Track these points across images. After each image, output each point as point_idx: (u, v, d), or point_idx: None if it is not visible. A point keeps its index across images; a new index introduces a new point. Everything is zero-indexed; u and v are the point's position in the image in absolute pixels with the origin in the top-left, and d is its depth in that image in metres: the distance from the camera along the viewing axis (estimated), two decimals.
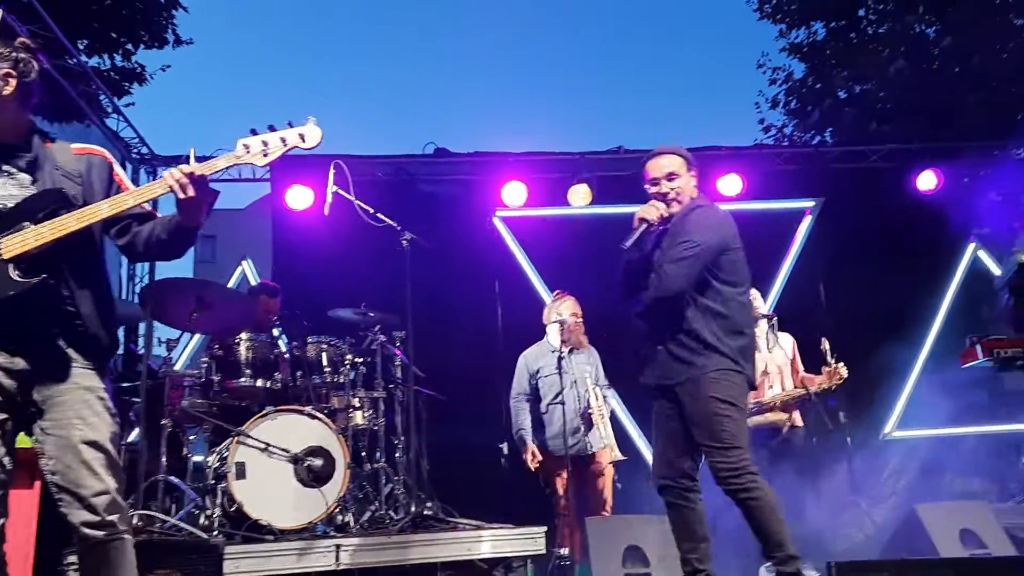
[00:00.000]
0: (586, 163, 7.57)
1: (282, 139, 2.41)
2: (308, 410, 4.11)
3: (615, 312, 6.46)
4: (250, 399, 4.43)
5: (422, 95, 66.00)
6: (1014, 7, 11.14)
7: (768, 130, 14.37)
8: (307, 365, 4.59)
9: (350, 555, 3.66)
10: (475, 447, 6.06)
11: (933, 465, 6.91)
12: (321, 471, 3.97)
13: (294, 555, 3.57)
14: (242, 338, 4.48)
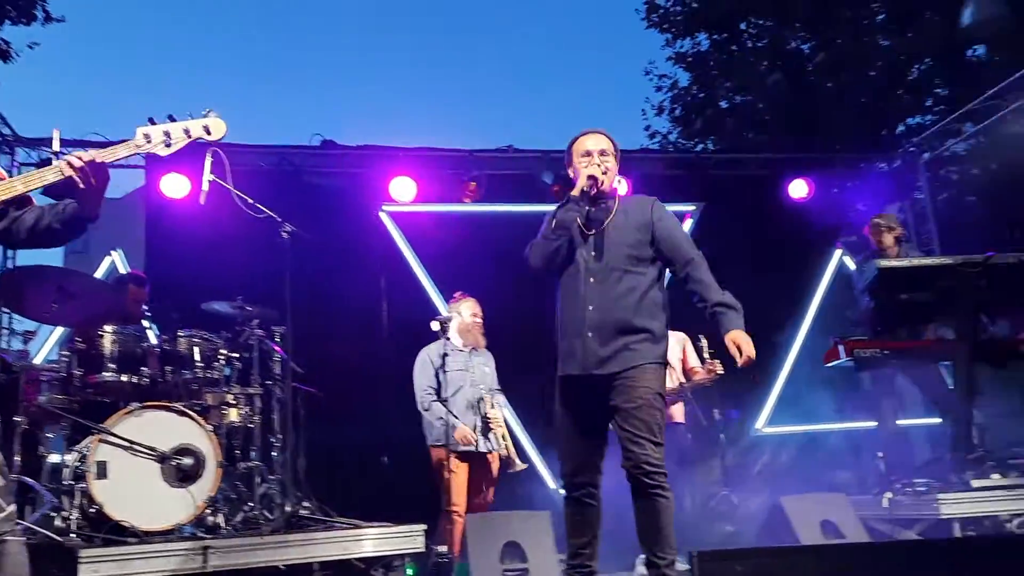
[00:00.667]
0: (476, 161, 7.57)
1: (185, 130, 2.32)
2: (177, 407, 3.93)
3: (505, 311, 6.55)
4: (115, 395, 4.20)
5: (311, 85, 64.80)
6: (881, 29, 11.84)
7: (654, 136, 14.81)
8: (177, 359, 4.39)
9: (219, 557, 3.52)
10: (356, 445, 5.96)
11: (800, 459, 7.25)
12: (190, 470, 3.80)
13: (158, 558, 3.40)
14: (107, 330, 4.24)
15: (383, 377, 5.80)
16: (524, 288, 6.94)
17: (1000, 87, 7.55)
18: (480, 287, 6.17)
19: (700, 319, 5.80)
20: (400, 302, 6.68)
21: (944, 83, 11.76)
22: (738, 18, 13.15)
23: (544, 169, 7.55)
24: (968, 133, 8.40)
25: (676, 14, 13.67)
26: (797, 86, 11.99)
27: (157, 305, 5.19)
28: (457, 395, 5.03)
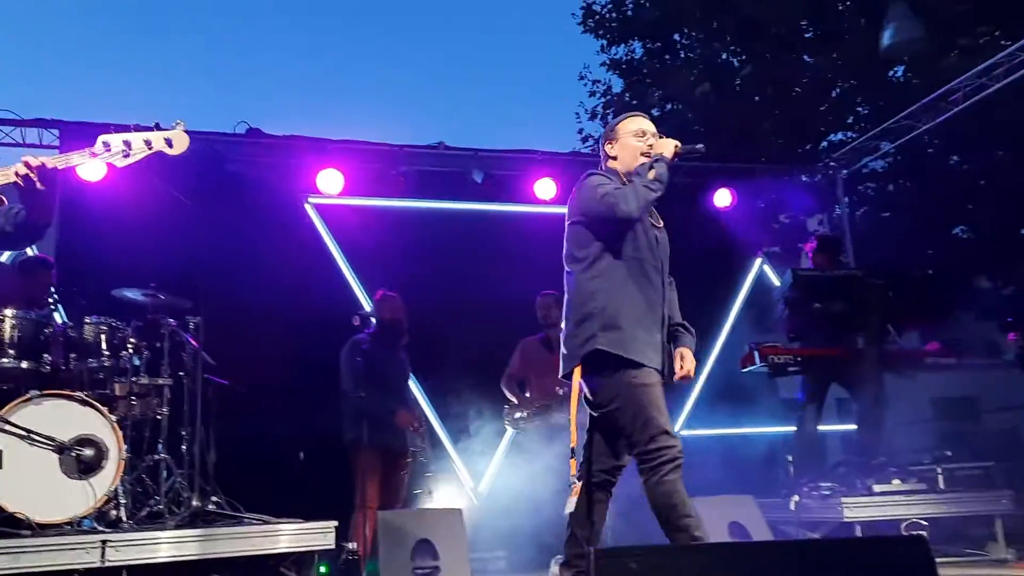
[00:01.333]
0: (406, 156, 7.51)
1: (147, 142, 2.25)
2: (80, 396, 3.80)
3: (429, 307, 6.51)
4: (13, 382, 4.02)
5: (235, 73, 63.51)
6: (806, 47, 12.19)
7: (586, 140, 14.95)
8: (83, 347, 4.23)
9: (118, 551, 3.42)
10: (271, 440, 5.83)
11: (713, 462, 7.39)
12: (91, 462, 3.68)
13: (52, 551, 3.28)
14: (6, 315, 4.06)
15: (301, 371, 5.70)
16: (450, 284, 7.00)
17: (913, 108, 7.85)
18: (405, 283, 6.14)
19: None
20: (322, 296, 6.57)
21: (865, 101, 12.18)
22: (671, 28, 13.38)
23: (474, 168, 7.54)
24: (884, 151, 8.70)
25: (611, 21, 13.83)
26: (725, 98, 12.26)
27: (66, 290, 5.00)
28: (376, 389, 4.99)
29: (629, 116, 3.33)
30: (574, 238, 3.18)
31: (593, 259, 3.10)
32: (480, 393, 6.29)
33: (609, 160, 3.29)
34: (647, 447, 2.91)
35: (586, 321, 3.03)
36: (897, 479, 5.30)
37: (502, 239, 7.45)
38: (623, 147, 3.25)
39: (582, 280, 3.11)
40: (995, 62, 7.10)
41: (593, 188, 3.11)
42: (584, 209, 3.13)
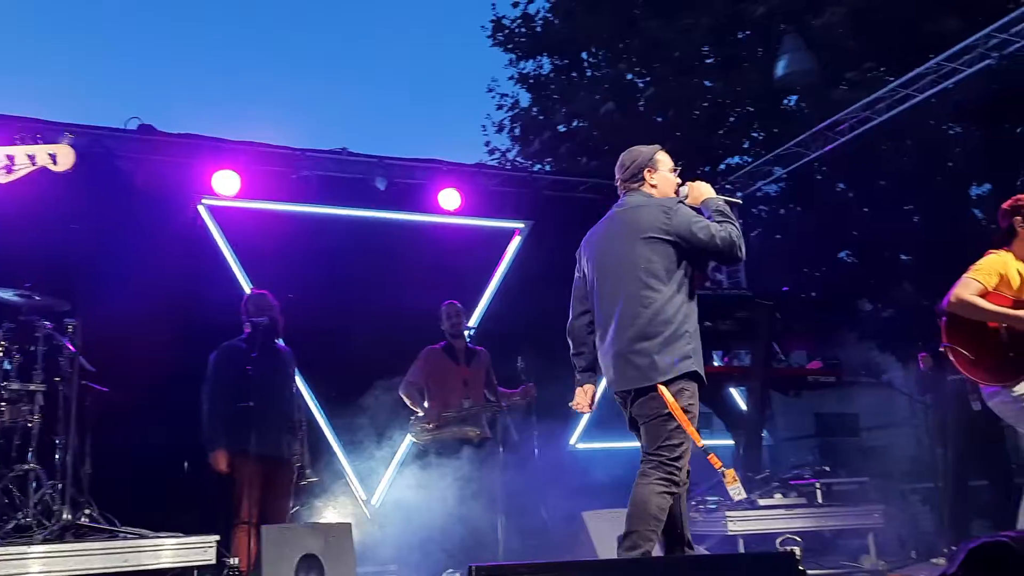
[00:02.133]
0: (307, 160, 7.37)
1: (30, 157, 2.11)
2: None
3: (324, 315, 6.39)
4: None
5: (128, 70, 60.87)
6: (707, 72, 12.59)
7: (493, 152, 15.02)
8: None
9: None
10: (153, 450, 5.59)
11: (607, 476, 7.50)
12: None
13: None
14: None
15: (187, 379, 5.48)
16: (348, 292, 6.89)
17: (803, 137, 8.21)
18: (302, 289, 6.01)
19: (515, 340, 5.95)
20: (213, 301, 6.34)
21: (760, 127, 12.66)
22: (579, 47, 13.60)
23: (378, 175, 7.47)
24: (777, 176, 9.06)
25: (520, 36, 13.97)
26: (629, 117, 12.53)
27: None
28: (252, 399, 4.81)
29: (661, 150, 3.72)
30: (662, 255, 3.34)
31: (680, 281, 3.34)
32: (376, 403, 6.20)
33: (647, 185, 3.58)
34: (672, 456, 3.19)
35: (678, 341, 3.25)
36: (779, 493, 5.50)
37: (403, 248, 7.39)
38: (663, 179, 3.60)
39: (672, 299, 3.31)
40: (878, 97, 7.50)
41: (697, 219, 3.35)
42: (687, 235, 3.31)
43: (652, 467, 3.19)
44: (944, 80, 7.07)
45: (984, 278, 3.71)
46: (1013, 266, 3.76)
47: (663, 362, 3.21)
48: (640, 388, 3.27)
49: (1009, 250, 3.83)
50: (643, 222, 3.38)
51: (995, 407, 3.74)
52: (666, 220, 3.34)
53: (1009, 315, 3.64)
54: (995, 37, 6.60)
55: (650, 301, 3.28)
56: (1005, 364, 3.64)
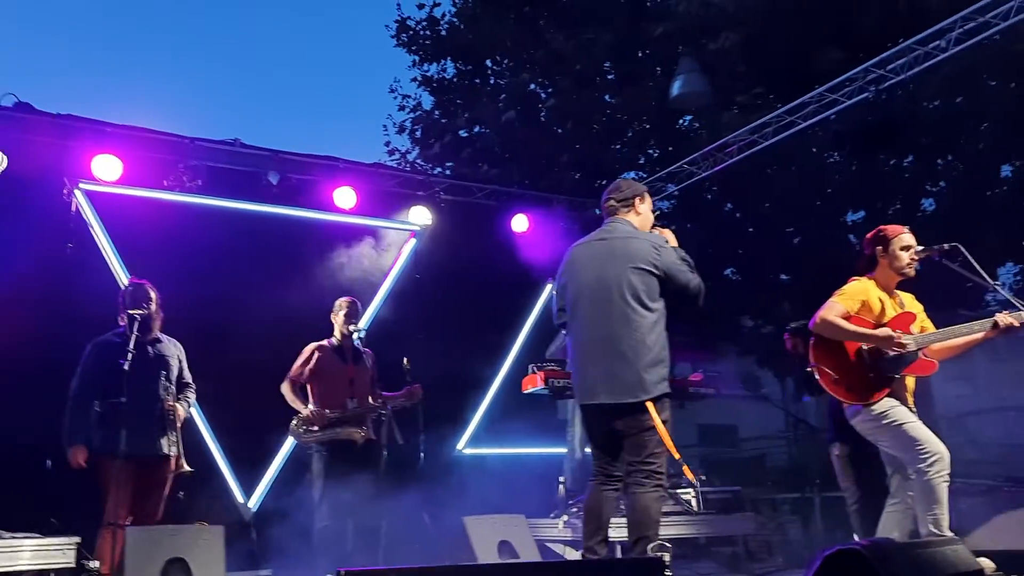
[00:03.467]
0: (196, 150, 7.11)
1: None
2: None
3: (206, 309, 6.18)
4: None
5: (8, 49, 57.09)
6: (607, 87, 12.86)
7: (393, 153, 14.84)
8: None
9: None
10: (15, 447, 5.27)
11: (492, 481, 7.53)
12: None
13: None
14: None
15: (55, 372, 5.18)
16: (233, 287, 6.68)
17: (694, 156, 8.49)
18: (184, 282, 5.80)
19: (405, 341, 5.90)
20: (88, 291, 6.03)
21: (656, 144, 13.00)
22: (483, 54, 13.64)
23: (271, 169, 7.29)
24: (669, 192, 9.32)
25: (425, 38, 13.90)
26: (529, 127, 12.65)
27: None
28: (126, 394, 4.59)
29: (646, 190, 4.03)
30: (648, 286, 3.65)
31: (661, 311, 3.67)
32: (257, 403, 6.03)
33: (634, 212, 3.89)
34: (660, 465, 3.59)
35: (658, 365, 3.61)
36: None
37: (294, 245, 7.24)
38: (646, 212, 3.95)
39: (656, 326, 3.64)
40: (765, 121, 7.83)
41: (679, 262, 3.72)
42: (671, 271, 3.67)
43: (644, 476, 3.57)
44: (826, 110, 7.45)
45: (847, 302, 3.91)
46: (874, 293, 3.98)
47: (650, 381, 3.56)
48: (628, 403, 3.59)
49: (872, 278, 4.04)
50: (634, 252, 3.69)
51: (856, 425, 3.94)
52: (656, 256, 3.68)
53: (869, 335, 3.85)
54: (873, 72, 6.99)
55: (638, 325, 3.60)
56: (865, 383, 3.85)
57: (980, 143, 10.49)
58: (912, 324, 3.92)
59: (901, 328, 3.87)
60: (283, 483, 6.61)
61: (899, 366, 3.84)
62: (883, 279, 4.02)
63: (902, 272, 3.99)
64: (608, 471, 3.76)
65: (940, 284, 4.44)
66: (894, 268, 3.98)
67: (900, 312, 3.97)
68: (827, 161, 11.71)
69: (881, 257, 4.01)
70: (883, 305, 3.96)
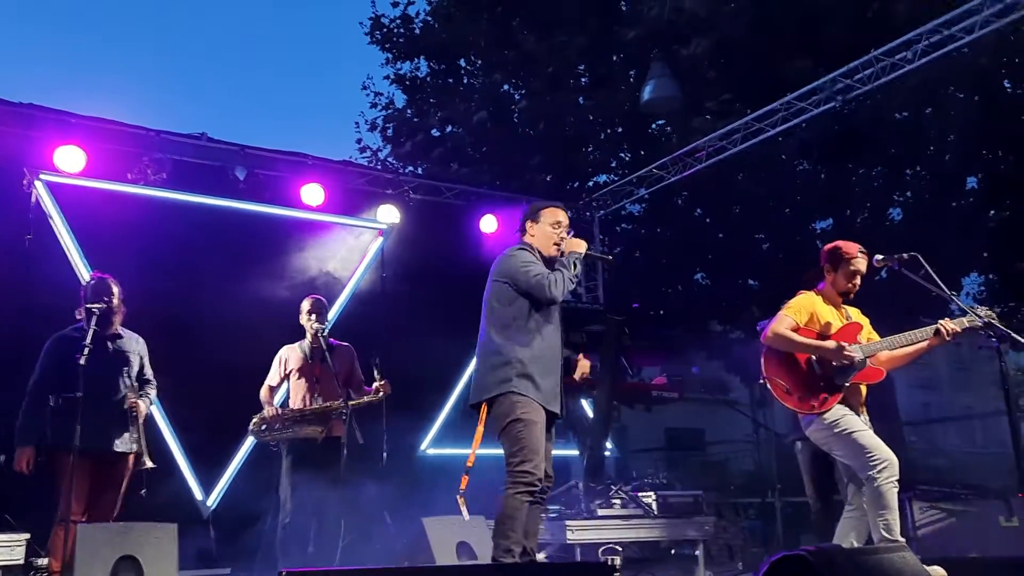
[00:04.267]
0: (162, 143, 7.02)
1: None
2: None
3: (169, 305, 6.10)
4: None
5: None
6: (580, 90, 12.90)
7: (364, 150, 14.78)
8: None
9: None
10: None
11: (455, 481, 7.50)
12: None
13: None
14: None
15: (10, 366, 5.09)
16: (196, 283, 6.60)
17: (664, 160, 8.53)
18: (147, 277, 5.73)
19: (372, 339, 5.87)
20: (47, 284, 5.92)
21: (628, 148, 13.06)
22: (457, 53, 13.62)
23: (238, 164, 7.21)
24: (639, 196, 9.38)
25: (399, 36, 13.85)
26: (501, 127, 12.65)
27: None
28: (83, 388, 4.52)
29: (552, 207, 4.00)
30: (496, 294, 3.78)
31: (513, 316, 3.72)
32: (220, 399, 5.97)
33: (527, 235, 3.94)
34: (513, 464, 3.59)
35: (504, 367, 3.65)
36: (618, 503, 5.65)
37: (261, 241, 7.17)
38: (541, 231, 3.91)
39: (505, 329, 3.72)
40: (734, 128, 7.90)
41: (525, 264, 3.74)
42: (514, 278, 3.74)
43: (509, 477, 3.62)
44: (794, 118, 7.53)
45: (795, 315, 4.03)
46: (821, 306, 4.11)
47: (491, 382, 3.69)
48: (474, 404, 3.78)
49: (818, 292, 4.17)
50: (496, 267, 3.86)
51: (811, 435, 4.03)
52: (504, 265, 3.81)
53: (818, 346, 3.97)
54: (840, 82, 7.08)
55: (485, 330, 3.81)
56: (816, 392, 3.95)
57: (947, 154, 10.66)
58: (859, 334, 4.04)
59: (848, 339, 3.98)
60: (243, 481, 6.54)
61: (847, 374, 3.95)
62: (828, 294, 4.16)
63: (843, 294, 4.13)
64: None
65: (904, 292, 4.53)
66: (837, 288, 4.13)
67: (846, 323, 4.09)
68: (796, 169, 11.84)
69: (829, 274, 4.15)
70: (830, 317, 4.07)
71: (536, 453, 3.54)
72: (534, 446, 3.54)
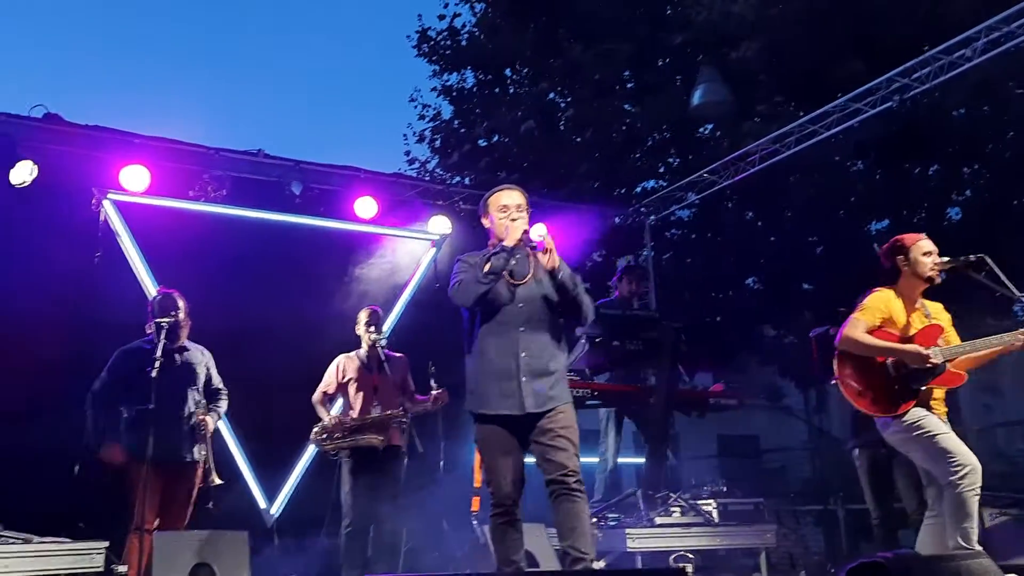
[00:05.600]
0: (221, 160, 7.20)
1: None
2: None
3: (231, 318, 6.24)
4: None
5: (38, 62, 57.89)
6: (626, 96, 12.88)
7: (413, 162, 14.92)
8: None
9: None
10: (44, 451, 5.34)
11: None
12: None
13: None
14: None
15: (82, 379, 5.26)
16: (257, 296, 6.74)
17: (715, 165, 8.48)
18: (210, 291, 5.87)
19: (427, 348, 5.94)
20: (115, 299, 6.11)
21: (676, 153, 13.00)
22: (503, 63, 13.71)
23: (294, 179, 7.36)
24: (689, 201, 9.33)
25: (446, 48, 13.99)
26: (548, 136, 12.68)
27: None
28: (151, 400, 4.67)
29: (495, 192, 3.79)
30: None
31: (466, 332, 3.65)
32: (280, 409, 6.09)
33: (488, 233, 3.77)
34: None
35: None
36: (677, 511, 5.63)
37: (317, 254, 7.30)
38: (491, 220, 3.75)
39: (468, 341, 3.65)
40: (787, 131, 7.82)
41: (454, 275, 3.65)
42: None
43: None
44: (849, 119, 7.43)
45: (869, 317, 3.87)
46: (896, 304, 3.93)
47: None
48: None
49: (893, 287, 3.99)
50: None
51: (888, 437, 3.89)
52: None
53: (895, 349, 3.81)
54: (897, 81, 6.98)
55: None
56: (891, 395, 3.80)
57: (1007, 152, 10.41)
58: (940, 337, 3.87)
59: (928, 342, 3.82)
60: (305, 489, 6.67)
61: (925, 379, 3.78)
62: (906, 289, 3.96)
63: (926, 278, 3.91)
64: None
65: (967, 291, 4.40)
66: (917, 275, 3.91)
67: (926, 325, 3.91)
68: (850, 169, 11.65)
69: (903, 266, 3.94)
70: (908, 316, 3.92)
71: (492, 471, 3.48)
72: (489, 464, 3.49)
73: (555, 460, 3.39)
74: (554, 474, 3.40)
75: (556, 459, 3.39)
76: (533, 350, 3.52)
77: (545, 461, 3.44)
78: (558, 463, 3.39)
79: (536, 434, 3.46)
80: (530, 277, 3.62)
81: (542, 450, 3.45)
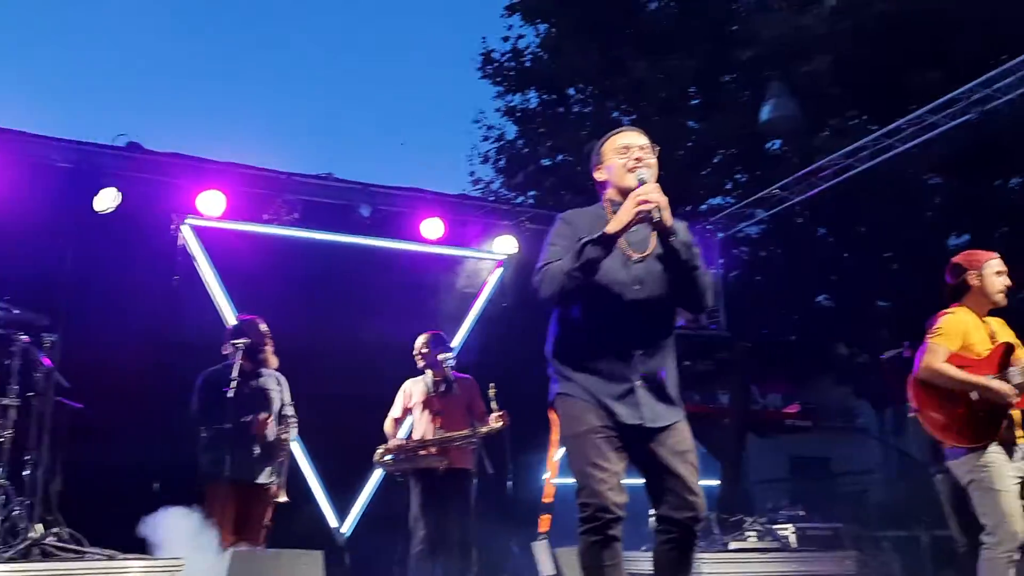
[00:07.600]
0: (292, 184, 7.37)
1: None
2: None
3: (302, 338, 6.35)
4: None
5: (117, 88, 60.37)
6: (692, 113, 12.76)
7: (477, 183, 15.05)
8: None
9: None
10: (125, 469, 5.51)
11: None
12: None
13: None
14: None
15: (163, 398, 5.42)
16: (328, 317, 6.86)
17: (787, 181, 8.32)
18: (282, 313, 5.97)
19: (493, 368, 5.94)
20: (192, 321, 6.30)
21: (744, 169, 12.80)
22: (566, 83, 13.74)
23: (362, 201, 7.48)
24: (759, 218, 9.17)
25: (509, 70, 14.10)
26: None
27: None
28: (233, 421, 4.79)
29: (611, 135, 2.96)
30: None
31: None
32: (352, 429, 6.15)
33: (600, 183, 2.97)
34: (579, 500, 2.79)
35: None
36: (753, 536, 5.48)
37: (385, 275, 7.39)
38: (611, 170, 2.89)
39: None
40: (861, 145, 7.63)
41: (547, 242, 2.91)
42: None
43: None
44: (926, 132, 7.21)
45: (948, 342, 3.70)
46: (970, 321, 3.77)
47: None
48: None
49: (962, 305, 3.83)
50: None
51: (953, 467, 3.70)
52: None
53: (979, 384, 3.62)
54: (978, 92, 6.75)
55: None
56: (975, 424, 3.62)
57: None
58: (1012, 356, 3.69)
59: (995, 364, 3.65)
60: (375, 509, 6.72)
61: (1008, 408, 3.62)
62: (976, 307, 3.81)
63: (995, 299, 3.78)
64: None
65: None
66: (987, 294, 3.77)
67: (999, 345, 3.74)
68: (927, 184, 11.31)
69: (975, 282, 3.80)
70: (981, 337, 3.75)
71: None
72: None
73: (684, 497, 2.76)
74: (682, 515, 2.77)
75: (685, 497, 2.76)
76: (651, 349, 2.91)
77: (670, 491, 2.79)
78: (688, 500, 2.75)
79: (654, 453, 2.79)
80: (651, 251, 2.89)
81: (666, 476, 2.79)
